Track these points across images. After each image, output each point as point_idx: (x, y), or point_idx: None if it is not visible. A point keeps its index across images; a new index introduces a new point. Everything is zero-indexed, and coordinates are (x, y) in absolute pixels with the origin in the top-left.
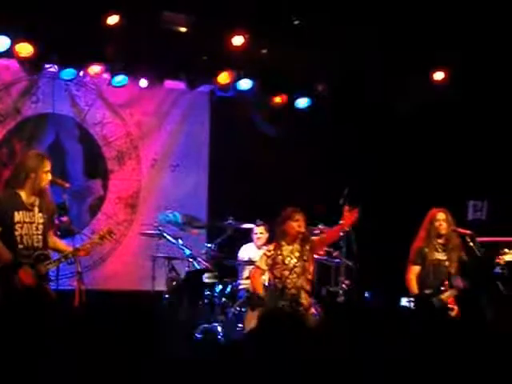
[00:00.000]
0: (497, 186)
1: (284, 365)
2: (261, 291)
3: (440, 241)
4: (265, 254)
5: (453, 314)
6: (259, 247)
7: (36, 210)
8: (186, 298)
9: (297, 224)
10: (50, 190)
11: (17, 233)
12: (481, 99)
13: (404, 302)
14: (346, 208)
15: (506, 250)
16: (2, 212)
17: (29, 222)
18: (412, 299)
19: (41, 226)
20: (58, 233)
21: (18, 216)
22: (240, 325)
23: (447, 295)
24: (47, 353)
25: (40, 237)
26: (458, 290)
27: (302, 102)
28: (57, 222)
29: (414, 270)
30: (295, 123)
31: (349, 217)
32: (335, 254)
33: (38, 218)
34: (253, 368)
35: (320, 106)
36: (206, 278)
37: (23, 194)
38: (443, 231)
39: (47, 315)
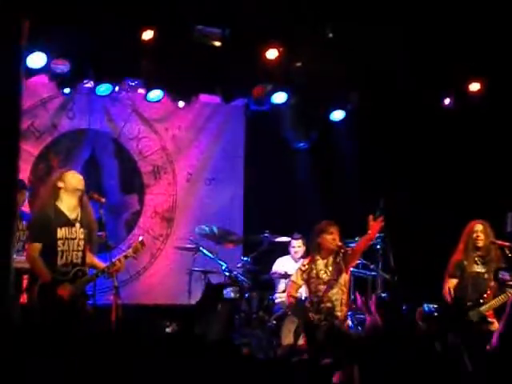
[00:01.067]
0: None
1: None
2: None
3: (479, 253)
4: (300, 269)
5: (492, 327)
6: (297, 260)
7: (78, 225)
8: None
9: (331, 237)
10: (91, 205)
11: (59, 249)
12: None
13: (425, 307)
14: (371, 217)
15: None
16: (44, 228)
17: (71, 238)
18: (434, 305)
19: (82, 242)
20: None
21: (61, 232)
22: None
23: (487, 307)
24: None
25: (80, 253)
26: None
27: (337, 115)
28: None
29: (452, 283)
30: (330, 136)
31: (374, 226)
32: (372, 266)
33: (80, 233)
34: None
35: (354, 119)
36: (228, 293)
37: (64, 208)
38: (481, 243)
39: (84, 330)
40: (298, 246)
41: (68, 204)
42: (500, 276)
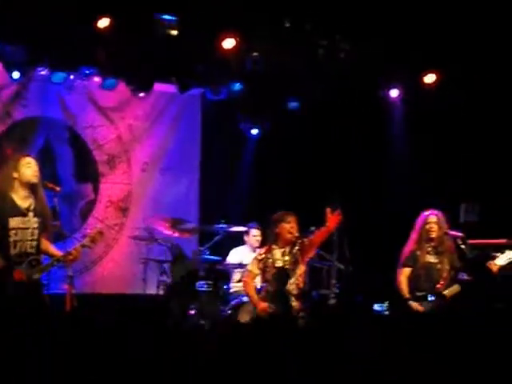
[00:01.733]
0: (489, 188)
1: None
2: (254, 295)
3: (432, 244)
4: (256, 258)
5: None
6: (254, 250)
7: (31, 214)
8: (175, 302)
9: (289, 226)
10: (44, 194)
11: (11, 239)
12: (473, 101)
13: (376, 307)
14: (329, 210)
15: (498, 254)
16: None
17: (23, 228)
18: (385, 305)
19: (36, 231)
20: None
21: (13, 222)
22: None
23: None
24: (38, 354)
25: (34, 242)
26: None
27: (292, 105)
28: None
29: (405, 273)
30: (285, 125)
31: (332, 219)
32: (327, 257)
33: (33, 222)
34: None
35: (308, 108)
36: (200, 286)
37: (17, 198)
38: (434, 234)
39: (41, 316)
40: (256, 235)
41: (21, 194)
42: (460, 278)
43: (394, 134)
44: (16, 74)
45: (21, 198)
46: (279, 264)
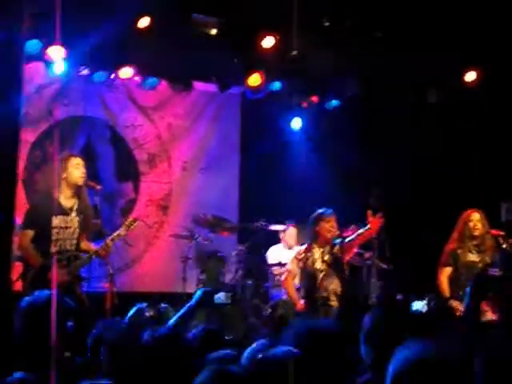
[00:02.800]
0: None
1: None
2: (293, 294)
3: (474, 242)
4: (296, 258)
5: (485, 317)
6: (290, 247)
7: (73, 214)
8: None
9: (329, 225)
10: (87, 193)
11: (53, 238)
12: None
13: (416, 305)
14: (370, 213)
15: None
16: (39, 216)
17: (65, 227)
18: (425, 302)
19: (77, 231)
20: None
21: (56, 221)
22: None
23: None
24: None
25: (74, 241)
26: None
27: (332, 104)
28: None
29: (446, 272)
30: (325, 124)
31: (374, 222)
32: (367, 255)
33: (75, 222)
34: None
35: (350, 107)
36: (219, 299)
37: (61, 198)
38: (477, 232)
39: (77, 316)
40: (290, 233)
41: (66, 193)
42: (490, 273)
43: (432, 131)
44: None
45: (65, 198)
46: (320, 263)
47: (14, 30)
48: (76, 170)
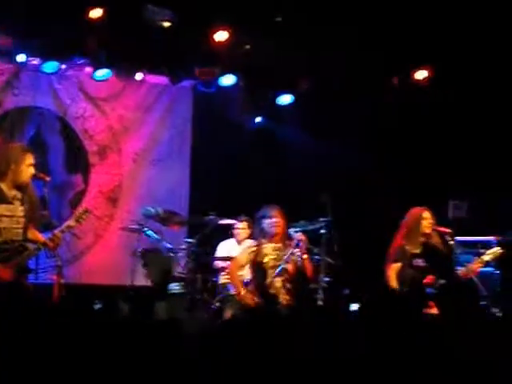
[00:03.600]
0: (477, 185)
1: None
2: (237, 283)
3: (422, 239)
4: (248, 247)
5: (431, 311)
6: (240, 242)
7: (17, 203)
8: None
9: (274, 221)
10: (32, 184)
11: None
12: (462, 98)
13: (354, 307)
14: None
15: (485, 251)
16: None
17: (9, 216)
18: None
19: (21, 219)
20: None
21: None
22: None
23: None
24: (24, 347)
25: (20, 230)
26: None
27: (285, 99)
28: None
29: (395, 268)
30: (277, 119)
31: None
32: (316, 250)
33: (19, 211)
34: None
35: (302, 102)
36: (173, 288)
37: (4, 187)
38: (429, 230)
39: (24, 309)
40: (242, 227)
41: (9, 184)
42: (414, 263)
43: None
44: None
45: (8, 187)
46: (268, 259)
47: None
48: (27, 168)
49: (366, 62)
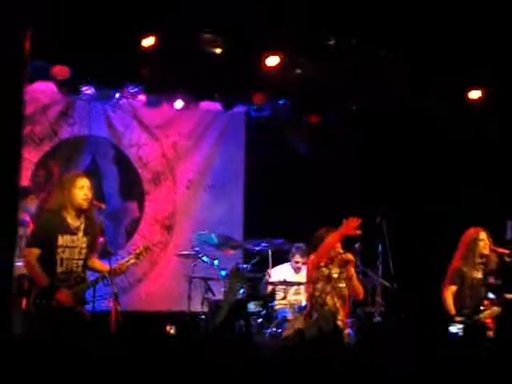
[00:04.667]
0: None
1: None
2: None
3: (480, 260)
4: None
5: (490, 333)
6: (296, 270)
7: (80, 234)
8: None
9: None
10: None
11: (58, 256)
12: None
13: (453, 329)
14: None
15: None
16: (45, 235)
17: (72, 247)
18: (461, 326)
19: (84, 251)
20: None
21: (62, 240)
22: None
23: (486, 314)
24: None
25: (81, 262)
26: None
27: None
28: None
29: (451, 290)
30: (329, 143)
31: (347, 225)
32: (371, 273)
33: (82, 242)
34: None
35: (354, 125)
36: (252, 306)
37: (68, 217)
38: (487, 251)
39: (82, 336)
40: (298, 261)
41: (72, 213)
42: (488, 281)
43: (437, 151)
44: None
45: (72, 217)
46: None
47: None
48: (80, 191)
49: (413, 85)
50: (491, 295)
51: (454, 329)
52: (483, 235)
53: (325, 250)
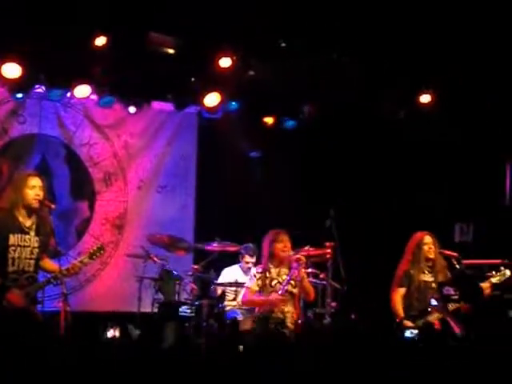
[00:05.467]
0: (482, 209)
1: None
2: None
3: (428, 263)
4: (254, 275)
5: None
6: (246, 271)
7: (32, 233)
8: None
9: (282, 245)
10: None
11: (9, 255)
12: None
13: (408, 333)
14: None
15: (493, 273)
16: None
17: (23, 246)
18: (415, 331)
19: (36, 250)
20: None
21: (13, 239)
22: None
23: (434, 317)
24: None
25: (32, 261)
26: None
27: (289, 124)
28: None
29: (400, 292)
30: (281, 144)
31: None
32: (322, 275)
33: (34, 241)
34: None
35: (306, 128)
36: (183, 312)
37: (20, 216)
38: (432, 255)
39: (35, 336)
40: (249, 261)
41: (23, 212)
42: (444, 292)
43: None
44: (19, 95)
45: (23, 216)
46: (275, 284)
47: None
48: (31, 191)
49: (368, 89)
50: (434, 302)
51: (408, 333)
52: (428, 239)
53: (264, 304)
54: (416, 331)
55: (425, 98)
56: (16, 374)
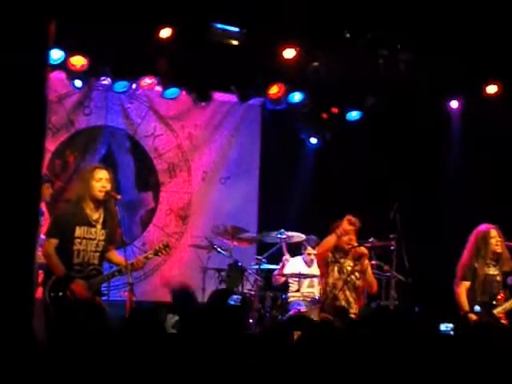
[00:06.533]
0: None
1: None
2: None
3: (492, 256)
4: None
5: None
6: (309, 264)
7: (99, 226)
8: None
9: (347, 237)
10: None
11: (75, 247)
12: None
13: (443, 327)
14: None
15: None
16: (63, 225)
17: (89, 239)
18: (451, 325)
19: (101, 243)
20: None
21: (79, 231)
22: None
23: (500, 310)
24: (100, 365)
25: (97, 254)
26: None
27: (353, 115)
28: None
29: (464, 286)
30: (345, 135)
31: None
32: (386, 267)
33: (100, 234)
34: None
35: (370, 119)
36: (232, 301)
37: (87, 209)
38: (500, 249)
39: (100, 326)
40: (311, 253)
41: (91, 205)
42: (509, 281)
43: (453, 146)
44: (78, 83)
45: (91, 209)
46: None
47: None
48: (98, 183)
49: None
50: (477, 308)
51: (444, 327)
52: (494, 233)
53: (322, 250)
54: (451, 325)
55: (491, 89)
56: (78, 360)
